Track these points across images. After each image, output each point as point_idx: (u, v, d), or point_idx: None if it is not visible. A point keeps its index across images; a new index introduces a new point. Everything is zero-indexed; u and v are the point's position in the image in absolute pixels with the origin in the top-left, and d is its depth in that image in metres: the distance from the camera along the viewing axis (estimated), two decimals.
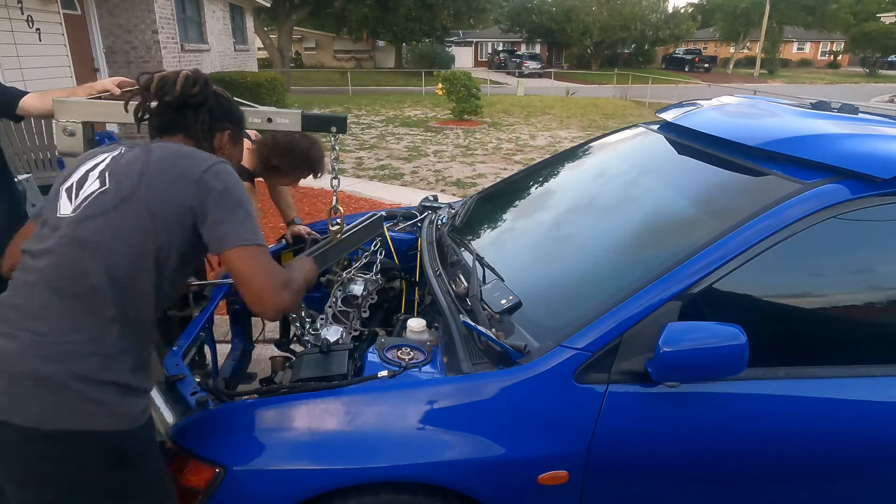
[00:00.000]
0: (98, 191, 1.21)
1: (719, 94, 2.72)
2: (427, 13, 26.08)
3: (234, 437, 1.38)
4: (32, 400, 1.09)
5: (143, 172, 1.20)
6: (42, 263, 1.16)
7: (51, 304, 1.13)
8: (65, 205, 1.22)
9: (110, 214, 1.17)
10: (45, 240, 1.19)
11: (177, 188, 1.19)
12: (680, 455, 1.44)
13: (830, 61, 48.62)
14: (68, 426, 1.10)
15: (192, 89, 1.32)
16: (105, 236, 1.16)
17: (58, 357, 1.11)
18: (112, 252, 1.15)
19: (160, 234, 1.17)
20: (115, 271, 1.15)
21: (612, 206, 2.02)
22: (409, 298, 2.37)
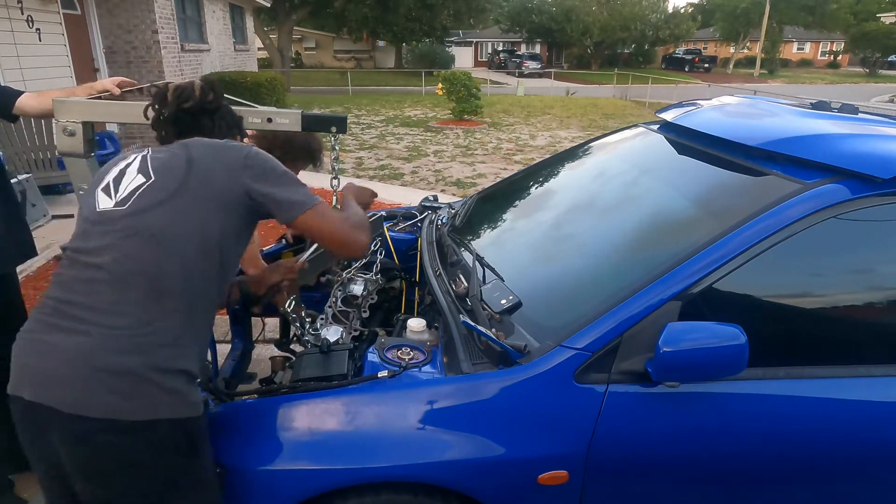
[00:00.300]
0: (145, 184, 1.25)
1: (719, 94, 2.72)
2: (427, 13, 26.08)
3: (233, 437, 1.38)
4: (111, 393, 1.11)
5: (190, 164, 1.25)
6: (104, 259, 1.17)
7: (120, 298, 1.15)
8: (104, 200, 1.25)
9: (167, 205, 1.21)
10: (97, 236, 1.21)
11: (227, 174, 1.25)
12: (680, 455, 1.44)
13: (830, 61, 48.62)
14: (146, 416, 1.13)
15: (208, 96, 1.42)
16: (168, 226, 1.19)
17: (133, 349, 1.13)
18: (179, 240, 1.19)
19: (220, 219, 1.23)
20: (185, 260, 1.19)
21: (612, 206, 2.02)
22: (409, 298, 2.37)
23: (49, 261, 4.46)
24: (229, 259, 1.28)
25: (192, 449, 1.20)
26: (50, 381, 1.12)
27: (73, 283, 1.19)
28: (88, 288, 1.17)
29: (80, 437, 1.11)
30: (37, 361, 1.15)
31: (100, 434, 1.11)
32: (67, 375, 1.11)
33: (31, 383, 1.14)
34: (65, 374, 1.11)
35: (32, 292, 3.89)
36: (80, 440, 1.12)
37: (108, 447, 1.12)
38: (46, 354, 1.14)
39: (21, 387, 1.15)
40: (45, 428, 1.14)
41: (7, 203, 1.99)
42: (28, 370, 1.15)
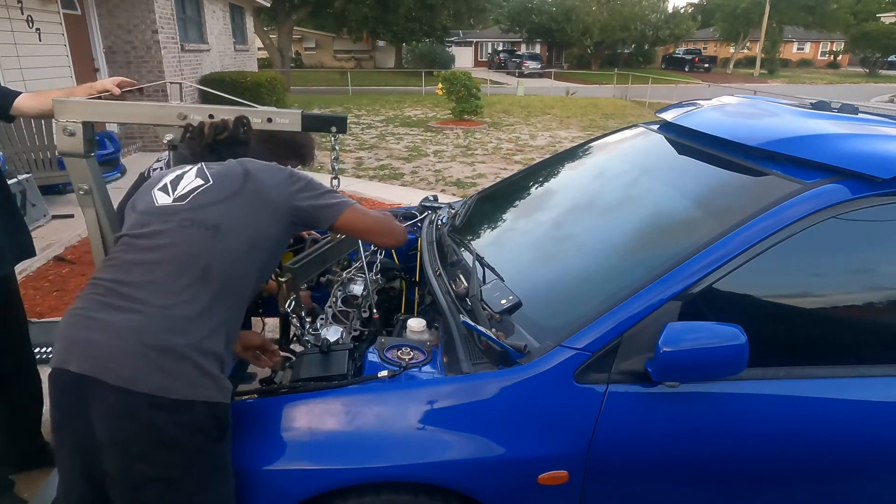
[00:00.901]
0: (203, 185, 1.39)
1: (719, 94, 2.72)
2: (427, 13, 26.08)
3: (233, 437, 1.38)
4: (156, 369, 1.16)
5: (247, 174, 1.41)
6: (163, 242, 1.28)
7: (174, 280, 1.23)
8: (162, 197, 1.38)
9: (226, 203, 1.35)
10: (156, 224, 1.32)
11: (278, 188, 1.41)
12: (680, 455, 1.44)
13: (830, 61, 48.63)
14: (185, 395, 1.17)
15: (239, 130, 1.61)
16: (225, 220, 1.32)
17: (180, 330, 1.20)
18: (233, 233, 1.31)
19: (270, 223, 1.38)
20: (236, 254, 1.30)
21: (612, 206, 2.02)
22: (409, 298, 2.37)
23: (49, 261, 4.47)
24: (270, 261, 1.41)
25: (220, 434, 1.24)
26: (99, 354, 1.17)
27: (129, 265, 1.27)
28: (145, 269, 1.25)
29: (124, 411, 1.15)
30: (87, 335, 1.20)
31: (142, 410, 1.15)
32: (118, 349, 1.16)
33: (80, 356, 1.18)
34: (115, 348, 1.16)
35: (32, 292, 3.90)
36: (124, 414, 1.16)
37: (148, 423, 1.16)
38: (97, 329, 1.19)
39: (68, 360, 1.19)
40: (87, 401, 1.17)
41: (5, 203, 1.99)
42: (77, 344, 1.20)
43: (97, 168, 1.81)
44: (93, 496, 1.25)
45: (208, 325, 1.24)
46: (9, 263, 1.98)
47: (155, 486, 1.19)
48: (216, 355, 1.24)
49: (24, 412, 2.18)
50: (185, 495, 1.21)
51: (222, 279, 1.27)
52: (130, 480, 1.19)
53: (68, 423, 1.22)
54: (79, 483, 1.25)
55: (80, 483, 1.25)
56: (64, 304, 3.76)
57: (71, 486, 1.27)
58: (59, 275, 4.24)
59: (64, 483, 1.28)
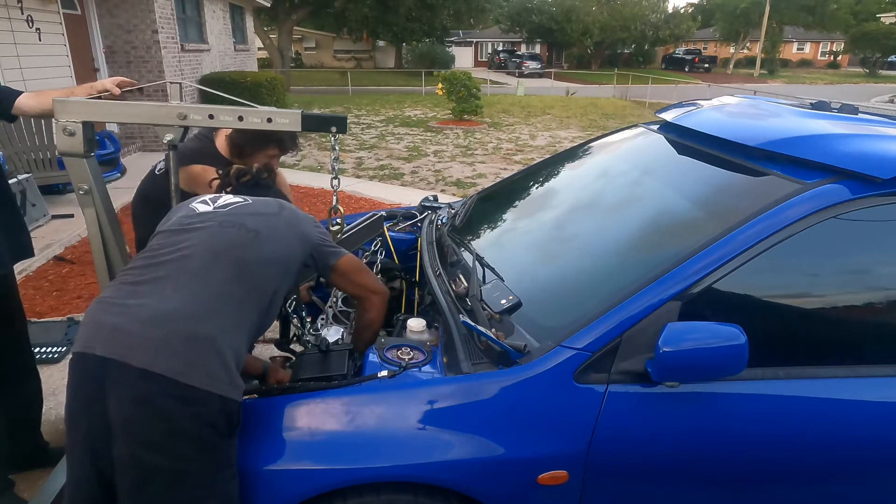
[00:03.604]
0: (243, 201, 1.55)
1: (719, 95, 2.72)
2: (427, 13, 26.06)
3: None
4: (179, 355, 1.19)
5: (281, 205, 1.58)
6: (202, 235, 1.37)
7: (208, 271, 1.29)
8: (203, 206, 1.51)
9: (265, 217, 1.49)
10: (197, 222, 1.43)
11: (307, 224, 1.60)
12: (680, 455, 1.44)
13: (830, 61, 48.63)
14: (202, 385, 1.20)
15: (263, 175, 1.83)
16: (266, 230, 1.44)
17: (207, 319, 1.24)
18: (271, 243, 1.42)
19: (298, 250, 1.51)
20: (268, 260, 1.39)
21: (612, 206, 2.02)
22: (409, 298, 2.37)
23: (49, 261, 4.46)
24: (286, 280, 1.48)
25: (229, 431, 1.26)
26: (125, 338, 1.20)
27: (163, 255, 1.34)
28: (180, 259, 1.31)
29: (141, 395, 1.17)
30: (114, 320, 1.23)
31: (158, 396, 1.17)
32: (143, 334, 1.20)
33: (107, 340, 1.21)
34: (140, 333, 1.20)
35: (32, 292, 3.90)
36: (140, 398, 1.17)
37: (162, 411, 1.17)
38: (125, 315, 1.23)
39: (93, 344, 1.21)
40: (106, 384, 1.19)
41: (5, 203, 1.99)
42: (104, 328, 1.23)
43: (97, 168, 1.81)
44: (101, 495, 1.25)
45: (234, 320, 1.28)
46: (8, 263, 1.98)
47: (162, 477, 1.20)
48: (235, 352, 1.27)
49: (24, 412, 2.18)
50: (190, 490, 1.22)
51: (252, 279, 1.34)
52: (139, 470, 1.20)
53: (85, 409, 1.23)
54: (87, 479, 1.25)
55: (89, 479, 1.25)
56: (64, 304, 3.76)
57: (79, 484, 1.27)
58: (59, 275, 4.24)
59: (72, 480, 1.28)
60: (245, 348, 1.34)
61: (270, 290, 1.41)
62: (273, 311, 1.45)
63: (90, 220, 1.82)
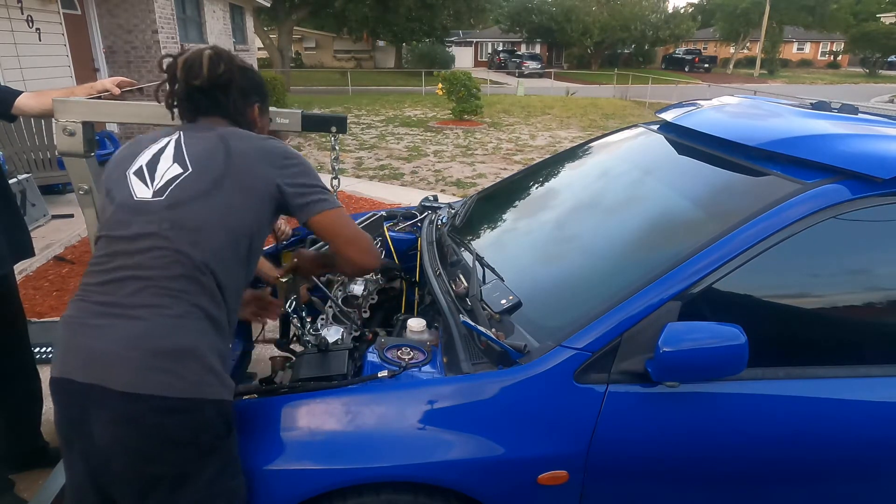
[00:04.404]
0: (182, 174, 1.27)
1: (719, 95, 2.73)
2: (427, 13, 26.07)
3: None
4: (163, 371, 1.15)
5: (228, 157, 1.28)
6: (145, 245, 1.22)
7: (168, 284, 1.20)
8: (140, 188, 1.28)
9: (206, 199, 1.25)
10: (137, 225, 1.24)
11: (264, 171, 1.30)
12: (680, 455, 1.44)
13: (830, 61, 48.64)
14: (193, 394, 1.17)
15: (217, 70, 1.35)
16: (208, 220, 1.24)
17: (182, 330, 1.18)
18: (217, 235, 1.24)
19: (255, 214, 1.29)
20: (221, 253, 1.24)
21: (612, 206, 2.02)
22: (409, 298, 2.37)
23: (49, 261, 4.47)
24: (257, 247, 1.35)
25: (227, 431, 1.25)
26: (104, 362, 1.15)
27: (117, 270, 1.22)
28: (134, 274, 1.20)
29: (130, 416, 1.14)
30: (88, 343, 1.18)
31: (149, 413, 1.14)
32: (122, 356, 1.15)
33: (85, 365, 1.17)
34: (119, 356, 1.15)
35: (32, 292, 3.90)
36: (130, 419, 1.14)
37: (155, 426, 1.15)
38: (98, 337, 1.17)
39: (70, 369, 1.18)
40: (92, 410, 1.16)
41: (5, 203, 1.99)
42: (79, 353, 1.18)
43: (97, 168, 1.81)
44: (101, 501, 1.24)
45: (209, 323, 1.22)
46: (8, 263, 1.98)
47: (165, 484, 1.19)
48: (219, 351, 1.24)
49: (24, 412, 2.18)
50: (195, 491, 1.21)
51: (214, 279, 1.24)
52: (140, 481, 1.19)
53: (75, 430, 1.21)
54: (86, 490, 1.24)
55: (88, 490, 1.24)
56: (64, 304, 3.76)
57: (78, 494, 1.26)
58: (59, 275, 4.24)
59: (72, 489, 1.28)
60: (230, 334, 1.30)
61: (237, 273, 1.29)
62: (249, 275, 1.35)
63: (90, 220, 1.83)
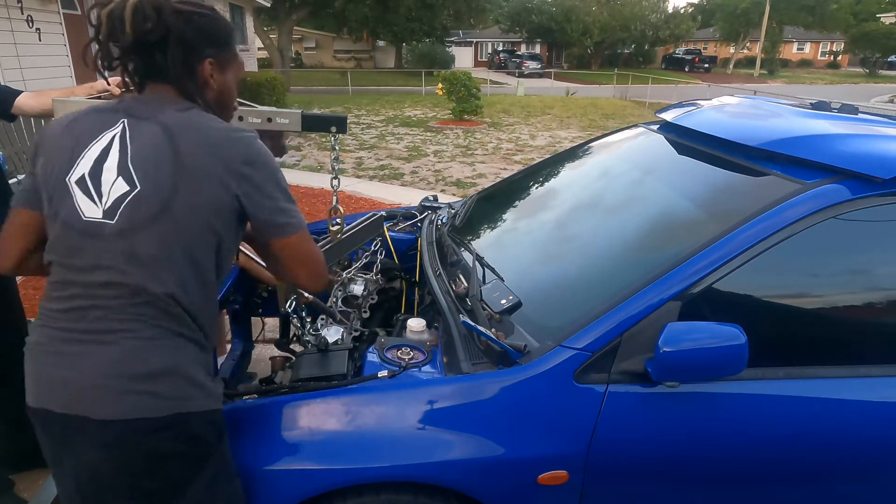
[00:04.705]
0: (132, 193, 1.10)
1: (719, 95, 2.73)
2: (427, 13, 26.07)
3: (233, 437, 1.37)
4: (143, 394, 1.10)
5: (179, 166, 1.10)
6: (101, 279, 1.10)
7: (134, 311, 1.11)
8: (87, 205, 1.11)
9: (158, 224, 1.10)
10: (90, 253, 1.11)
11: (219, 179, 1.11)
12: (680, 455, 1.44)
13: (830, 61, 48.65)
14: (180, 409, 1.13)
15: (143, 26, 1.08)
16: (164, 249, 1.11)
17: (161, 349, 1.12)
18: (177, 262, 1.12)
19: (215, 232, 1.14)
20: (185, 281, 1.14)
21: (612, 206, 2.02)
22: (409, 298, 2.37)
23: None
24: (225, 263, 1.24)
25: (219, 438, 1.23)
26: (81, 392, 1.10)
27: (76, 299, 1.12)
28: (95, 304, 1.11)
29: (116, 441, 1.10)
30: (62, 373, 1.12)
31: (138, 434, 1.10)
32: (101, 386, 1.09)
33: (61, 396, 1.12)
34: (97, 386, 1.09)
35: (32, 292, 3.89)
36: (116, 443, 1.10)
37: (145, 445, 1.11)
38: (72, 367, 1.11)
39: (47, 400, 1.12)
40: (74, 436, 1.12)
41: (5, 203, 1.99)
42: (54, 384, 1.12)
43: None
44: None
45: (184, 340, 1.16)
46: None
47: (160, 496, 1.17)
48: (200, 362, 1.19)
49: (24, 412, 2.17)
50: (192, 499, 1.20)
51: (181, 307, 1.14)
52: (134, 496, 1.16)
53: (59, 452, 1.17)
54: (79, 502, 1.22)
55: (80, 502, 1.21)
56: None
57: None
58: None
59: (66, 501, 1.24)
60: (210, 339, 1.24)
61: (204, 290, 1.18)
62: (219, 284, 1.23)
63: None
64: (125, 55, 1.14)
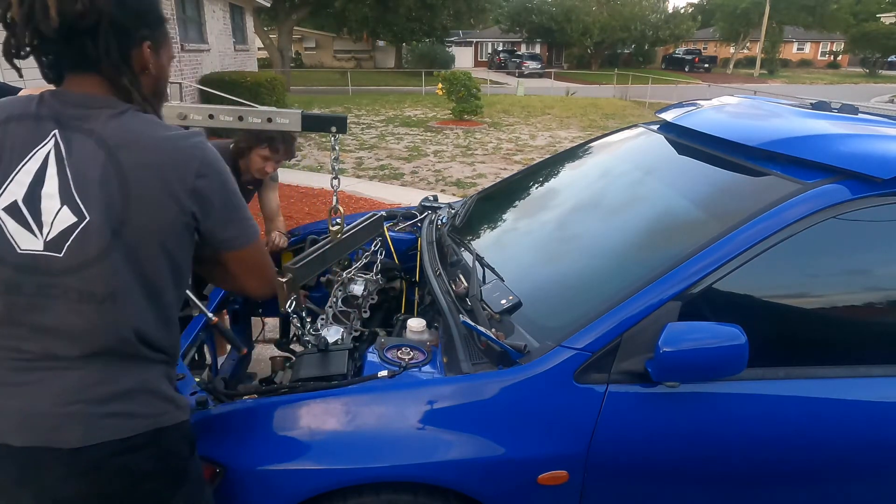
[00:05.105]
0: (80, 225, 0.98)
1: (719, 95, 2.73)
2: (427, 13, 26.07)
3: (233, 436, 1.38)
4: (113, 416, 1.04)
5: (125, 193, 0.98)
6: (49, 322, 1.00)
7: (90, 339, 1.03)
8: (23, 237, 0.98)
9: (111, 257, 0.99)
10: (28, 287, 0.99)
11: (174, 204, 1.01)
12: (680, 455, 1.44)
13: (830, 61, 48.66)
14: (150, 426, 1.08)
15: (72, 9, 0.93)
16: (120, 284, 1.01)
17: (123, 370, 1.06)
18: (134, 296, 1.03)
19: (171, 255, 1.05)
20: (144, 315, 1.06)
21: (612, 207, 2.02)
22: (409, 298, 2.37)
23: None
24: (184, 281, 1.14)
25: (191, 450, 1.19)
26: (46, 425, 1.01)
27: (23, 329, 1.01)
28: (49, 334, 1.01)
29: (90, 467, 1.03)
30: (20, 405, 1.02)
31: (110, 458, 1.04)
32: (66, 414, 1.01)
33: (21, 429, 1.01)
34: (62, 415, 1.01)
35: None
36: (90, 469, 1.04)
37: (118, 469, 1.06)
38: (30, 396, 1.02)
39: (4, 433, 1.02)
40: (38, 473, 1.03)
41: None
42: (11, 416, 1.02)
43: None
44: None
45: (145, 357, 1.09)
46: None
47: None
48: (167, 375, 1.14)
49: None
50: None
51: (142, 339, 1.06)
52: None
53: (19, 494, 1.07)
54: None
55: None
56: None
57: None
58: None
59: None
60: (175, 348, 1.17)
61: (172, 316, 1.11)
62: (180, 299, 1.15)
63: None
64: (45, 44, 0.99)
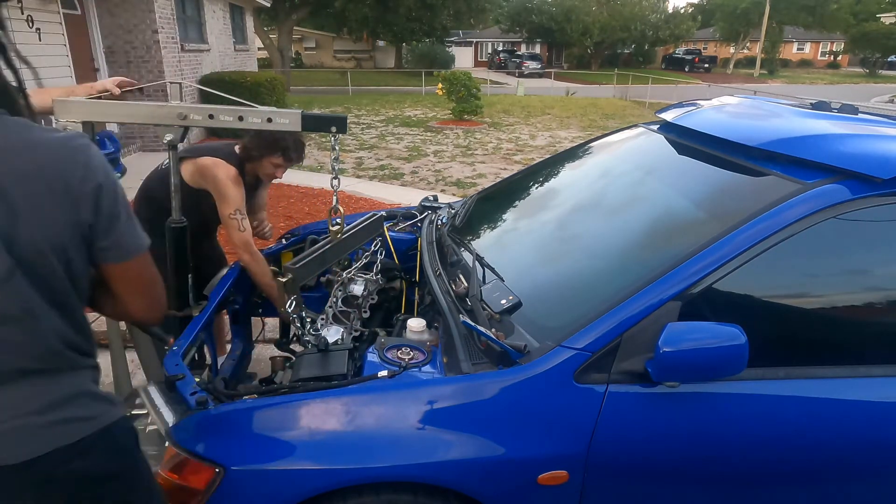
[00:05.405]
0: None
1: (719, 95, 2.73)
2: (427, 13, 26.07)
3: (233, 436, 1.38)
4: (56, 424, 1.04)
5: (12, 211, 0.92)
6: None
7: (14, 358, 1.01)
8: None
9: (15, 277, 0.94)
10: None
11: (64, 216, 0.96)
12: (680, 455, 1.44)
13: (830, 61, 48.66)
14: (93, 428, 1.07)
15: None
16: (31, 302, 0.97)
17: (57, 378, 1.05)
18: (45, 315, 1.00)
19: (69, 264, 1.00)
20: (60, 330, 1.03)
21: (612, 207, 2.02)
22: (409, 298, 2.37)
23: None
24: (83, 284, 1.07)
25: (137, 444, 1.18)
26: None
27: None
28: None
29: (43, 478, 1.02)
30: None
31: (63, 464, 1.03)
32: (8, 428, 0.99)
33: None
34: (5, 431, 0.99)
35: None
36: (44, 480, 1.02)
37: (74, 472, 1.05)
38: None
39: None
40: None
41: None
42: None
43: None
44: None
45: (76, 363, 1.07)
46: None
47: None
48: (93, 377, 1.12)
49: None
50: None
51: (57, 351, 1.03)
52: None
53: None
54: None
55: None
56: None
57: None
58: None
59: None
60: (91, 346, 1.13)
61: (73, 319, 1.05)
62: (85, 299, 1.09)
63: None
64: None
